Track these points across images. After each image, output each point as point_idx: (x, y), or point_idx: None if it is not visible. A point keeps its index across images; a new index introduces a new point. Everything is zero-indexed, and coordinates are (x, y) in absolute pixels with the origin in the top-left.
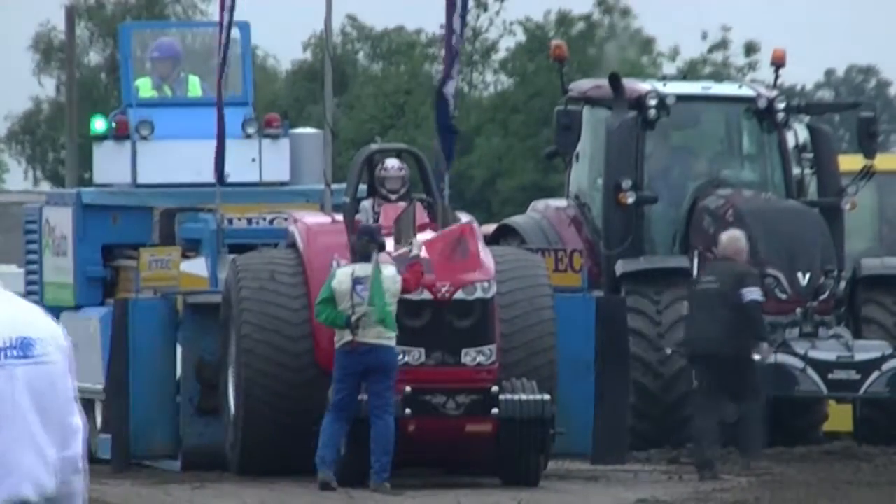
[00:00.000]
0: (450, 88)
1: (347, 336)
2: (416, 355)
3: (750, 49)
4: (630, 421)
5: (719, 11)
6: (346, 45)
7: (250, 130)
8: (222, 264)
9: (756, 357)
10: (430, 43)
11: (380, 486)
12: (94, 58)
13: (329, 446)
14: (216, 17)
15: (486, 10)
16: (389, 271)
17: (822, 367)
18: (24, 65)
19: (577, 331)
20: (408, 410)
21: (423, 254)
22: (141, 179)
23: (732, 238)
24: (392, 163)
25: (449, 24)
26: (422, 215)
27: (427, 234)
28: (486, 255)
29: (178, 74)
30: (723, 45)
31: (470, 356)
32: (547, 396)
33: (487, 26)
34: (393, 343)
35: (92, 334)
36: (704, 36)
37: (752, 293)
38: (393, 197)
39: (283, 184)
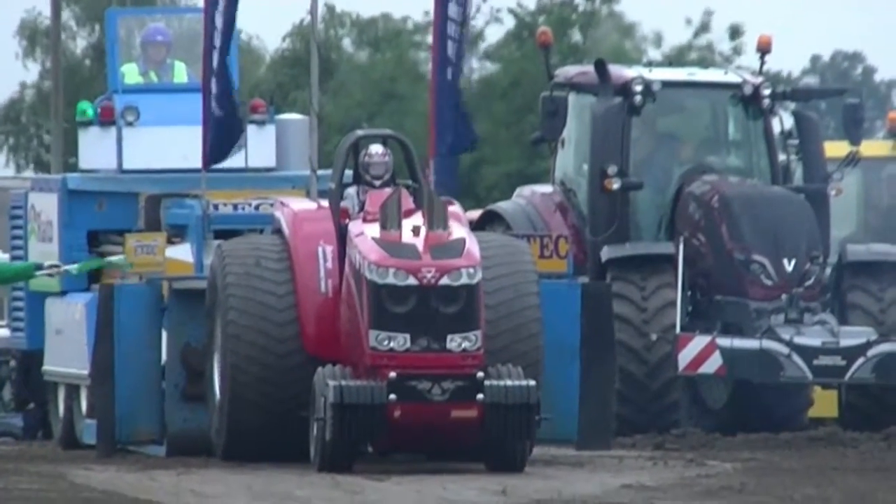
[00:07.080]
0: (448, 75)
1: None
2: (400, 341)
3: (735, 33)
4: (615, 407)
5: None
6: (329, 31)
7: None
8: (208, 250)
9: None
10: (416, 30)
11: None
12: (80, 43)
13: None
14: (200, 3)
15: None
16: None
17: (808, 353)
18: (10, 51)
19: (563, 317)
20: (393, 396)
21: (410, 240)
22: (126, 165)
23: None
24: (376, 149)
25: (441, 10)
26: (407, 201)
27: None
28: (471, 240)
29: (166, 60)
30: (705, 28)
31: (455, 342)
32: (532, 382)
33: (475, 13)
34: None
35: (77, 320)
36: (689, 22)
37: None
38: (377, 183)
39: (268, 170)
